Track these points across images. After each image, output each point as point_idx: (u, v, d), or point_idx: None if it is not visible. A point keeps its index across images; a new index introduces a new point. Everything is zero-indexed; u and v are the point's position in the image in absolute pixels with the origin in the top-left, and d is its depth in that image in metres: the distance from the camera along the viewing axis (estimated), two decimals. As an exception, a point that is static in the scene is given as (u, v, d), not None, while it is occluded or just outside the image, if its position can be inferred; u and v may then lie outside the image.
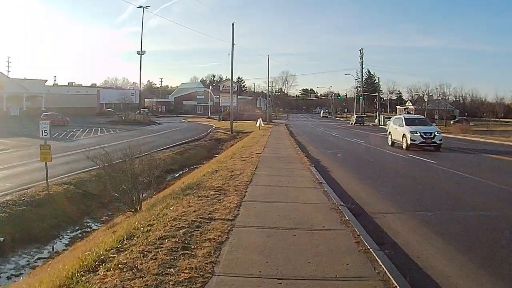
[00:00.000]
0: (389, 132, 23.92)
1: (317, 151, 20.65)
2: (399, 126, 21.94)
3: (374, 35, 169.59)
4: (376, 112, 77.79)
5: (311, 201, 7.73)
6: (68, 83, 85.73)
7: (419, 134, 19.96)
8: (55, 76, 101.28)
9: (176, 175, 19.77)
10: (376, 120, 66.96)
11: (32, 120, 45.06)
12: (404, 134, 20.73)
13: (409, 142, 20.14)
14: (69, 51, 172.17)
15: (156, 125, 53.47)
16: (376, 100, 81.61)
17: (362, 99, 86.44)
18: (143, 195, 11.53)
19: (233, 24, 43.54)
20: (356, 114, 72.78)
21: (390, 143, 23.11)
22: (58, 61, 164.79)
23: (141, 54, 58.19)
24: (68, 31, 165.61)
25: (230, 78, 48.00)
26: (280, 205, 7.26)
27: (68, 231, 11.36)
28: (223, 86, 64.17)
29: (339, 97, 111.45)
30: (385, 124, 55.06)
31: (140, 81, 67.38)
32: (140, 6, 57.63)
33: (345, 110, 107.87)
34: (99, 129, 41.29)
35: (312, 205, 7.33)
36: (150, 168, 10.86)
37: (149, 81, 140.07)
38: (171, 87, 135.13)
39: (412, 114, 66.00)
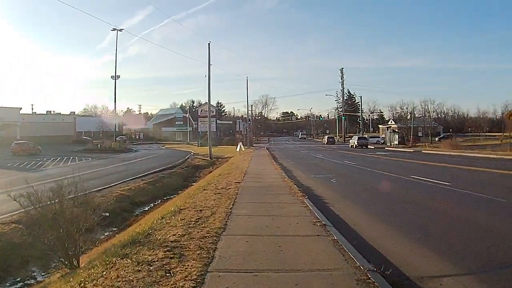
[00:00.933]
0: None
1: (306, 176, 18.00)
2: None
3: (354, 57, 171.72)
4: (359, 132, 76.77)
5: (322, 265, 4.78)
6: (47, 111, 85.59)
7: None
8: (32, 105, 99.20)
9: (146, 208, 17.60)
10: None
11: (5, 149, 42.33)
12: None
13: None
14: (48, 79, 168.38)
15: (132, 153, 52.04)
16: (359, 120, 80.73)
17: (344, 119, 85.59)
18: (93, 240, 9.03)
19: (209, 44, 41.55)
20: (327, 135, 79.80)
21: None
22: (36, 89, 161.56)
23: (115, 79, 55.87)
24: (46, 60, 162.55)
25: (208, 101, 45.49)
26: (272, 281, 4.23)
27: (8, 284, 9.25)
28: (201, 111, 61.72)
29: (320, 118, 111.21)
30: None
31: (115, 107, 64.75)
32: (114, 29, 55.88)
33: (327, 131, 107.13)
34: (71, 157, 39.13)
35: (326, 276, 4.38)
36: (90, 209, 8.05)
37: (128, 108, 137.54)
38: (150, 114, 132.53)
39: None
